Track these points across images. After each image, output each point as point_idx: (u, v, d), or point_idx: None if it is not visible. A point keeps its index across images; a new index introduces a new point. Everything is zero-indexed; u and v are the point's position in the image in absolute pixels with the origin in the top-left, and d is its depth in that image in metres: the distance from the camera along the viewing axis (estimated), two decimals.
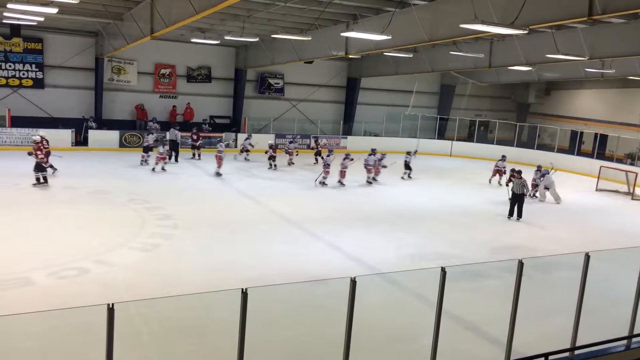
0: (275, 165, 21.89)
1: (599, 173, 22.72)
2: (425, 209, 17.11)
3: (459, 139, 31.25)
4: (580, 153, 27.95)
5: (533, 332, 8.15)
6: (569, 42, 17.23)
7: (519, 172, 16.75)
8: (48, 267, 9.86)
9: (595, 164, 24.42)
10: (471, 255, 12.21)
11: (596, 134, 28.56)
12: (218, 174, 19.54)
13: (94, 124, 24.22)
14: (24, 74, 23.78)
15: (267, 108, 29.16)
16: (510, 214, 16.25)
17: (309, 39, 17.54)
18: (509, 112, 36.43)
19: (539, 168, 20.03)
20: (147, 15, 15.97)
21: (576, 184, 23.43)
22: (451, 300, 6.47)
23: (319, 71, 29.45)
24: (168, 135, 23.15)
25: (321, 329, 8.10)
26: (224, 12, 16.43)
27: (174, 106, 26.84)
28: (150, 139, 21.63)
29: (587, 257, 6.78)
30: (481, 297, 9.96)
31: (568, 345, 7.02)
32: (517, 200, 16.12)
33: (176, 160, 22.25)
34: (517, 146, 29.94)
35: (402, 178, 21.57)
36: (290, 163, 23.16)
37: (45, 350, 7.08)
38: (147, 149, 21.10)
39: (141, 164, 20.64)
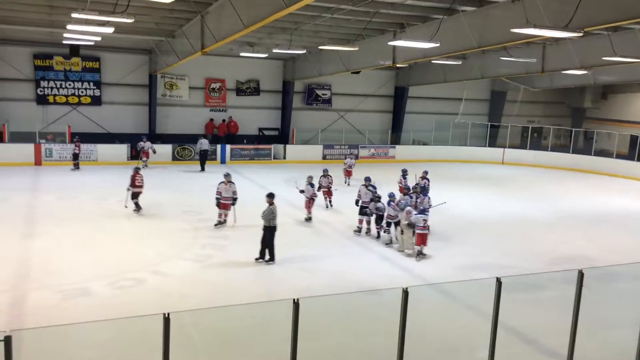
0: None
1: None
2: (478, 218, 16.74)
3: (510, 146, 30.51)
4: None
5: (594, 345, 7.84)
6: (626, 43, 16.59)
7: (271, 195, 11.70)
8: (106, 277, 10.20)
9: None
10: (527, 266, 11.85)
11: None
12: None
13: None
14: (82, 92, 24.85)
15: (315, 119, 29.37)
16: (260, 254, 11.48)
17: (356, 49, 17.56)
18: (564, 117, 35.37)
19: (408, 188, 14.41)
20: (197, 32, 16.41)
21: (637, 192, 22.50)
22: (507, 312, 6.30)
23: (367, 81, 29.44)
24: (198, 146, 23.92)
25: (373, 340, 8.02)
26: (272, 25, 16.67)
27: (218, 119, 27.34)
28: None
29: None
30: (538, 309, 9.65)
31: None
32: (264, 233, 11.48)
33: (202, 169, 23.20)
34: (572, 152, 29.02)
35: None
36: None
37: (104, 359, 7.29)
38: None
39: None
